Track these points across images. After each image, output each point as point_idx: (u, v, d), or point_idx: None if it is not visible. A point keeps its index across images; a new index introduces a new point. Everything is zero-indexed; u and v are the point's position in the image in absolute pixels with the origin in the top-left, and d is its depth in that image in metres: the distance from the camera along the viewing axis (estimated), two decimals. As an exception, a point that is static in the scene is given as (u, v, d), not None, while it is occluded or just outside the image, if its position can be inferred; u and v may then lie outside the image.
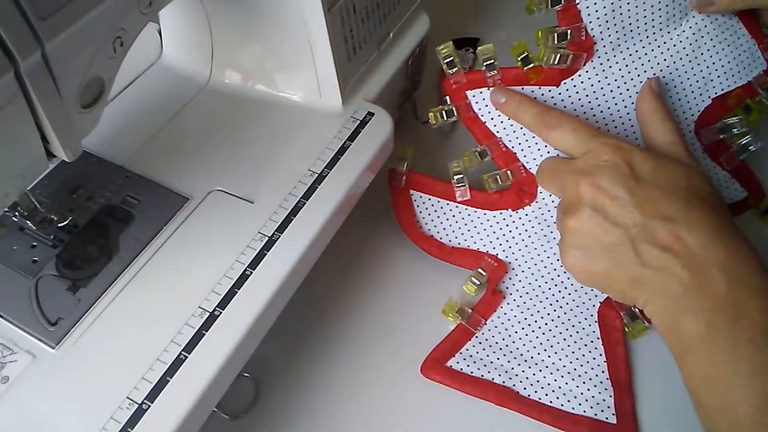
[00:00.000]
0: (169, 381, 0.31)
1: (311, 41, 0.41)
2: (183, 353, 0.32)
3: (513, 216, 0.45)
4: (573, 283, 0.45)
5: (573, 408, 0.41)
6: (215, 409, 0.38)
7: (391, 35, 0.47)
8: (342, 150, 0.41)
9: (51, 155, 0.30)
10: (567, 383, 0.42)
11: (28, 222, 0.36)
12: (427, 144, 0.54)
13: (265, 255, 0.36)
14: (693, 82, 0.44)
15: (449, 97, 0.44)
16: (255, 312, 0.34)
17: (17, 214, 0.35)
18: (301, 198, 0.39)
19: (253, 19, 0.42)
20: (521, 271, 0.46)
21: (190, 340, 0.33)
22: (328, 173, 0.40)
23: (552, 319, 0.44)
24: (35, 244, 0.37)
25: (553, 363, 0.42)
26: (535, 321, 0.44)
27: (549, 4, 0.41)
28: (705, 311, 0.32)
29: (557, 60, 0.41)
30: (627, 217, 0.35)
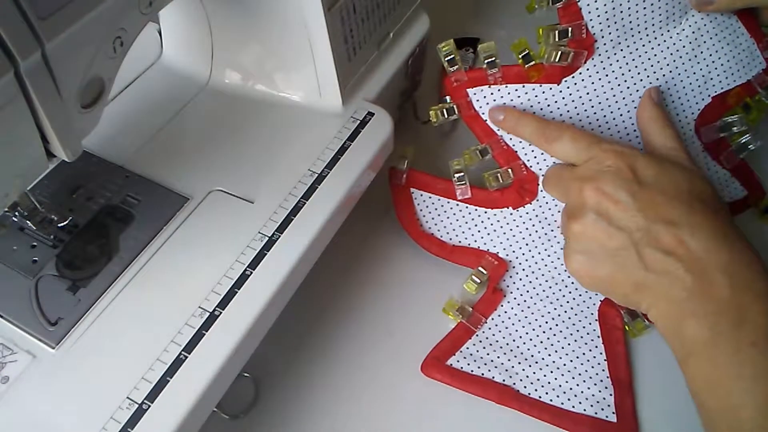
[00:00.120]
0: (169, 381, 0.31)
1: (311, 41, 0.41)
2: (183, 353, 0.32)
3: (514, 214, 0.45)
4: (573, 282, 0.45)
5: (573, 406, 0.41)
6: (215, 409, 0.38)
7: (391, 35, 0.47)
8: (342, 150, 0.41)
9: (51, 155, 0.30)
10: (567, 382, 0.42)
11: (28, 222, 0.36)
12: (428, 144, 0.54)
13: (265, 255, 0.36)
14: (693, 80, 0.44)
15: (450, 95, 0.44)
16: (255, 312, 0.34)
17: (17, 214, 0.35)
18: (301, 198, 0.39)
19: (253, 19, 0.42)
20: (522, 270, 0.46)
21: (190, 340, 0.33)
22: (328, 173, 0.40)
23: (552, 318, 0.44)
24: (35, 244, 0.37)
25: (554, 361, 0.43)
26: (536, 319, 0.44)
27: (550, 1, 0.41)
28: (708, 315, 0.32)
29: (558, 57, 0.41)
30: (630, 222, 0.35)
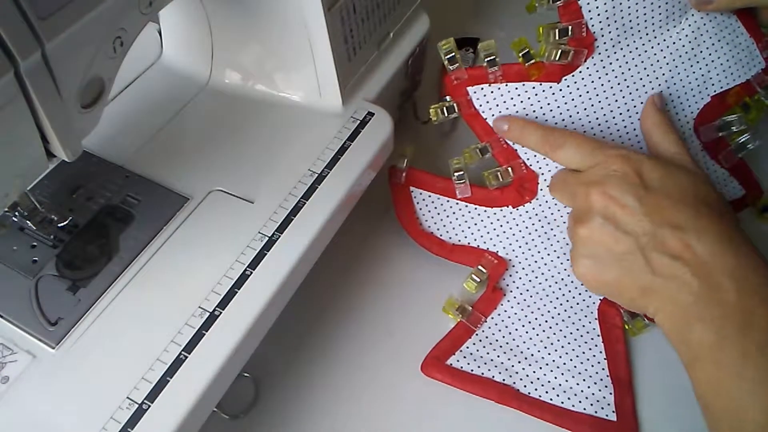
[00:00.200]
0: (169, 381, 0.31)
1: (311, 41, 0.41)
2: (183, 353, 0.32)
3: (513, 213, 0.45)
4: (573, 281, 0.45)
5: (573, 405, 0.41)
6: (215, 409, 0.38)
7: (391, 35, 0.47)
8: (342, 150, 0.41)
9: (51, 155, 0.30)
10: (567, 381, 0.42)
11: (28, 222, 0.36)
12: (427, 144, 0.54)
13: (265, 255, 0.36)
14: (692, 79, 0.44)
15: (450, 93, 0.44)
16: (255, 312, 0.34)
17: (17, 214, 0.35)
18: (301, 198, 0.39)
19: (253, 19, 0.42)
20: (521, 269, 0.46)
21: (190, 340, 0.33)
22: (328, 173, 0.40)
23: (552, 317, 0.44)
24: (35, 244, 0.37)
25: (554, 360, 0.43)
26: (536, 318, 0.44)
27: (550, 0, 0.41)
28: (714, 319, 0.32)
29: (558, 56, 0.41)
30: (637, 226, 0.35)
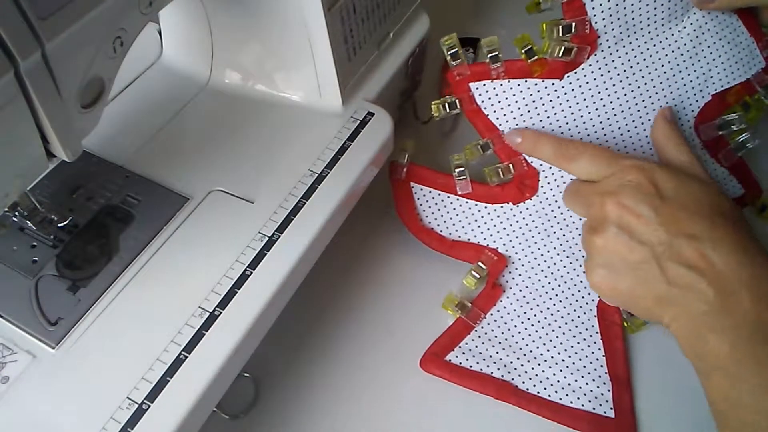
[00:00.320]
0: (169, 381, 0.31)
1: (311, 41, 0.41)
2: (183, 353, 0.32)
3: (514, 209, 0.45)
4: (572, 278, 0.45)
5: (572, 402, 0.41)
6: (215, 409, 0.38)
7: (391, 35, 0.47)
8: (342, 150, 0.41)
9: (51, 155, 0.30)
10: (566, 377, 0.42)
11: (28, 222, 0.36)
12: (428, 144, 0.54)
13: (265, 255, 0.36)
14: (693, 78, 0.44)
15: (452, 89, 0.44)
16: (255, 312, 0.34)
17: (17, 214, 0.35)
18: (301, 198, 0.39)
19: (253, 19, 0.42)
20: (521, 265, 0.46)
21: (190, 340, 0.33)
22: (328, 173, 0.40)
23: (551, 314, 0.44)
24: (35, 244, 0.37)
25: (552, 357, 0.43)
26: (535, 315, 0.44)
27: None
28: (730, 330, 0.32)
29: (561, 53, 0.41)
30: (652, 235, 0.35)
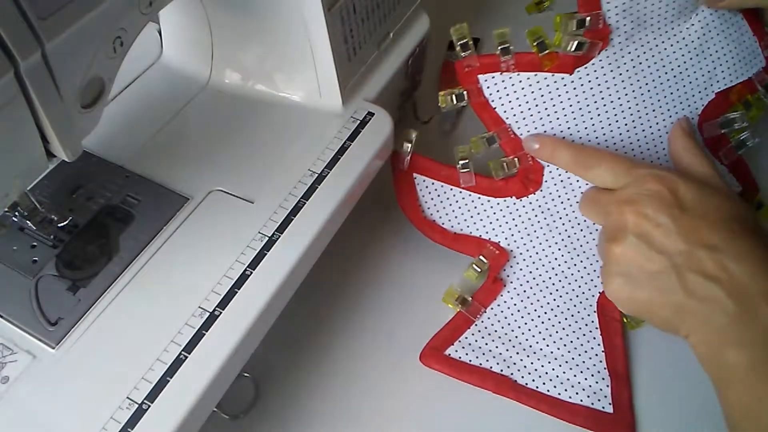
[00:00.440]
0: (169, 381, 0.31)
1: (311, 41, 0.41)
2: (183, 353, 0.32)
3: (517, 204, 0.45)
4: (573, 273, 0.45)
5: (570, 397, 0.41)
6: (215, 409, 0.38)
7: (391, 35, 0.47)
8: (342, 150, 0.41)
9: (51, 155, 0.30)
10: (565, 372, 0.42)
11: (28, 222, 0.35)
12: (428, 144, 0.54)
13: (265, 255, 0.36)
14: (699, 75, 0.44)
15: (460, 81, 0.43)
16: (255, 312, 0.34)
17: (17, 214, 0.35)
18: (301, 198, 0.39)
19: (253, 19, 0.42)
20: (522, 260, 0.46)
21: (190, 340, 0.33)
22: (328, 173, 0.40)
23: (552, 309, 0.44)
24: (35, 244, 0.36)
25: (552, 352, 0.43)
26: (535, 310, 0.44)
27: None
28: (749, 343, 0.32)
29: (575, 47, 0.41)
30: (671, 245, 0.34)
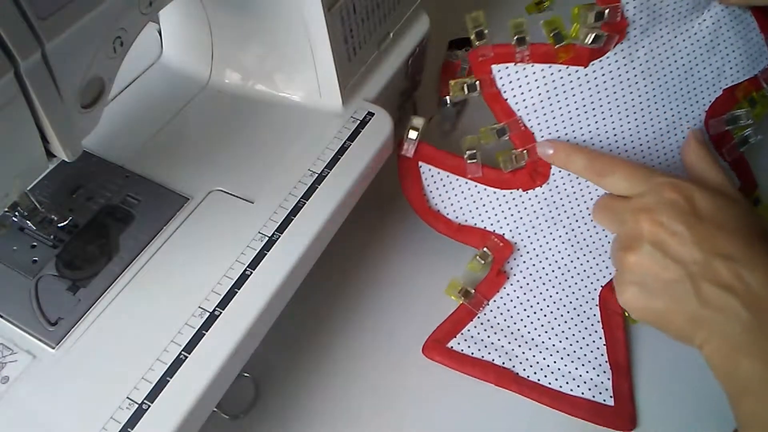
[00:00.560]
0: (169, 381, 0.31)
1: (311, 41, 0.41)
2: (183, 353, 0.32)
3: (523, 196, 0.45)
4: (576, 267, 0.45)
5: (571, 390, 0.41)
6: (215, 409, 0.38)
7: (391, 35, 0.47)
8: (342, 150, 0.41)
9: (51, 155, 0.30)
10: (566, 365, 0.42)
11: (28, 222, 0.35)
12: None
13: (265, 255, 0.36)
14: (708, 71, 0.44)
15: (473, 70, 0.43)
16: (255, 312, 0.34)
17: (17, 214, 0.35)
18: (301, 198, 0.39)
19: (253, 19, 0.42)
20: (526, 252, 0.45)
21: (190, 340, 0.33)
22: (328, 173, 0.40)
23: (554, 302, 0.44)
24: (35, 244, 0.36)
25: (554, 345, 0.43)
26: (537, 303, 0.44)
27: None
28: (764, 354, 0.32)
29: (593, 39, 0.40)
30: (687, 254, 0.34)
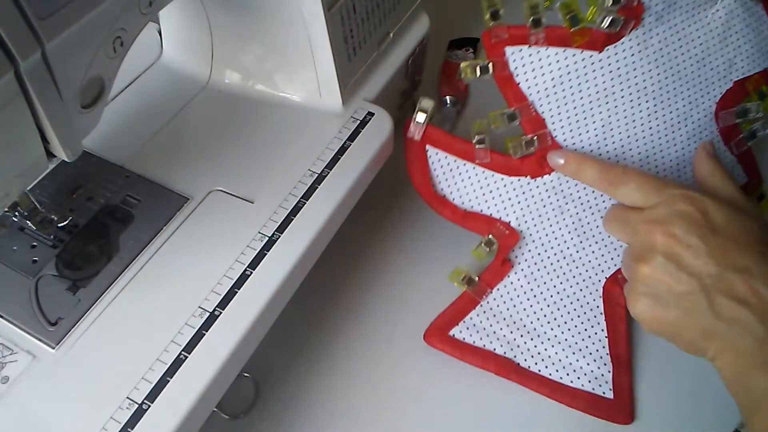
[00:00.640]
0: (169, 381, 0.31)
1: (311, 41, 0.41)
2: (183, 353, 0.32)
3: (531, 183, 0.44)
4: (581, 257, 0.45)
5: (572, 381, 0.41)
6: (215, 409, 0.38)
7: (391, 35, 0.47)
8: (342, 150, 0.41)
9: (51, 155, 0.30)
10: (567, 356, 0.42)
11: (28, 222, 0.36)
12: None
13: (265, 255, 0.36)
14: (720, 63, 0.44)
15: (486, 52, 0.42)
16: (255, 312, 0.34)
17: (17, 214, 0.35)
18: (301, 198, 0.39)
19: (253, 19, 0.42)
20: (532, 241, 0.45)
21: (190, 340, 0.33)
22: (328, 173, 0.40)
23: (558, 292, 0.44)
24: (35, 244, 0.37)
25: (555, 336, 0.43)
26: (541, 293, 0.44)
27: None
28: None
29: (609, 23, 0.40)
30: (701, 267, 0.34)
